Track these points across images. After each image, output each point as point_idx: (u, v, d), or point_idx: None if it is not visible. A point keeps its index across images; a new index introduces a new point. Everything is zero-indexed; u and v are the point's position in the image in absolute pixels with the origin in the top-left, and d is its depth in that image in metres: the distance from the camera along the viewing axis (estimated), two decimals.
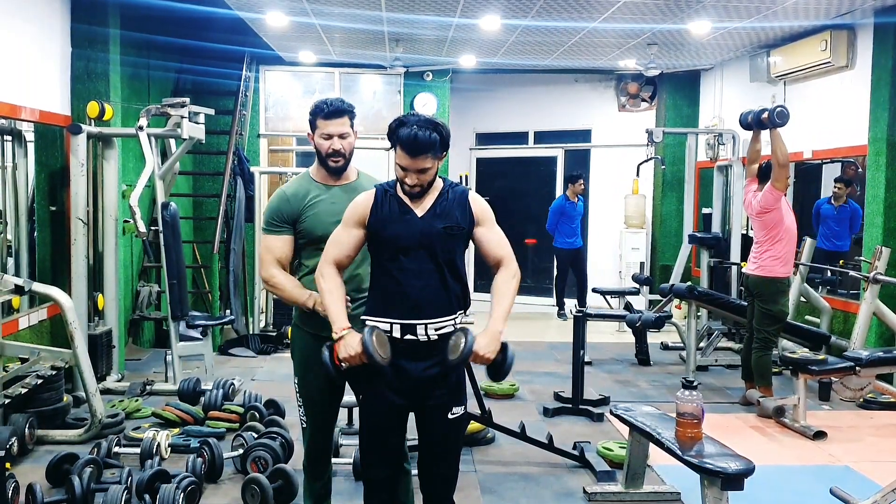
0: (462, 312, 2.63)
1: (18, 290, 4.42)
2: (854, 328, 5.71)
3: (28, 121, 5.39)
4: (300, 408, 3.00)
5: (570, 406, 5.38)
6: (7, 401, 4.25)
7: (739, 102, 8.44)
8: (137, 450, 4.13)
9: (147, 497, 3.48)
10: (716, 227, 8.10)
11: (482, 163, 10.69)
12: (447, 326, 2.55)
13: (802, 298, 6.57)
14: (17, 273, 5.47)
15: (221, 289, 7.90)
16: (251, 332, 7.55)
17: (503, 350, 2.55)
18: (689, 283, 6.79)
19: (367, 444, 2.66)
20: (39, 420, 4.51)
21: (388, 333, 2.53)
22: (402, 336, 2.53)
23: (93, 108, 5.69)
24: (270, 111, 8.96)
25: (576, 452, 4.36)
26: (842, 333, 6.30)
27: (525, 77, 9.81)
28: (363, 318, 2.61)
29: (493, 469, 4.31)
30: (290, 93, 9.02)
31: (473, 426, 4.52)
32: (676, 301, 7.28)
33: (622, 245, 9.49)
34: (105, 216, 5.89)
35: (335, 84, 8.89)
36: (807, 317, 6.75)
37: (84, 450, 4.14)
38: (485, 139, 10.73)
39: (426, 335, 2.52)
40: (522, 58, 8.46)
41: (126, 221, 6.20)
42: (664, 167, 9.30)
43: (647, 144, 8.45)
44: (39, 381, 4.47)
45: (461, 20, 6.66)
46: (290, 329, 3.11)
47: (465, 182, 10.00)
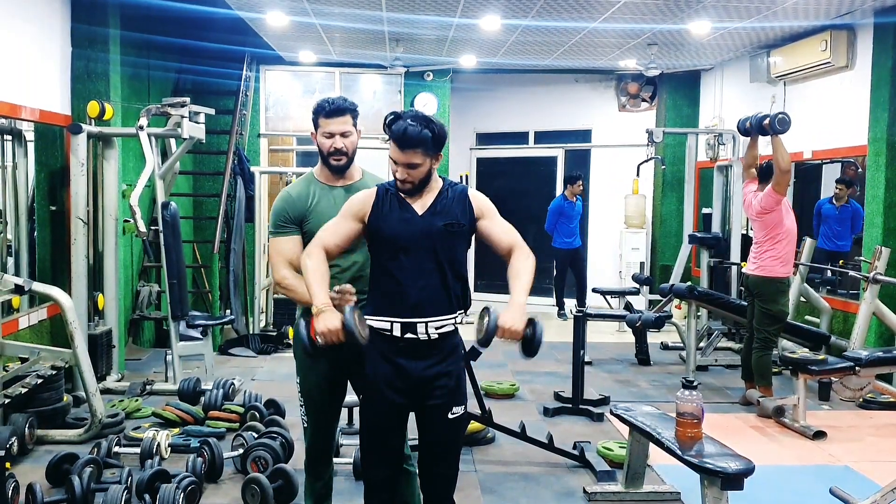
0: (462, 312, 2.62)
1: (18, 290, 4.42)
2: (854, 328, 5.71)
3: (28, 120, 5.39)
4: (301, 407, 3.00)
5: (571, 406, 5.38)
6: (7, 400, 4.25)
7: (739, 102, 8.45)
8: (137, 450, 4.13)
9: (147, 497, 3.49)
10: (716, 227, 8.11)
11: (482, 163, 10.69)
12: (447, 326, 2.55)
13: (802, 298, 6.58)
14: (17, 273, 5.47)
15: (221, 289, 7.91)
16: (251, 332, 7.55)
17: (531, 324, 2.48)
18: (689, 283, 6.79)
19: (368, 444, 2.66)
20: (39, 420, 4.51)
21: (389, 332, 2.53)
22: (403, 335, 2.52)
23: (93, 108, 5.69)
24: (270, 111, 8.96)
25: (576, 452, 4.36)
26: (842, 333, 6.30)
27: (525, 77, 9.81)
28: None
29: (494, 469, 4.31)
30: (291, 93, 9.03)
31: (474, 426, 4.52)
32: (676, 301, 7.28)
33: (622, 245, 9.49)
34: (105, 216, 5.90)
35: (335, 84, 8.90)
36: (807, 317, 6.75)
37: (84, 450, 4.15)
38: (485, 139, 10.73)
39: (426, 334, 2.52)
40: (523, 58, 8.46)
41: (126, 221, 6.20)
42: (664, 167, 9.30)
43: (648, 144, 8.46)
44: (39, 381, 4.47)
45: (461, 20, 6.66)
46: (293, 328, 3.11)
47: (466, 182, 10.00)
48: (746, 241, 7.04)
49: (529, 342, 2.48)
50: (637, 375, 6.64)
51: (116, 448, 4.18)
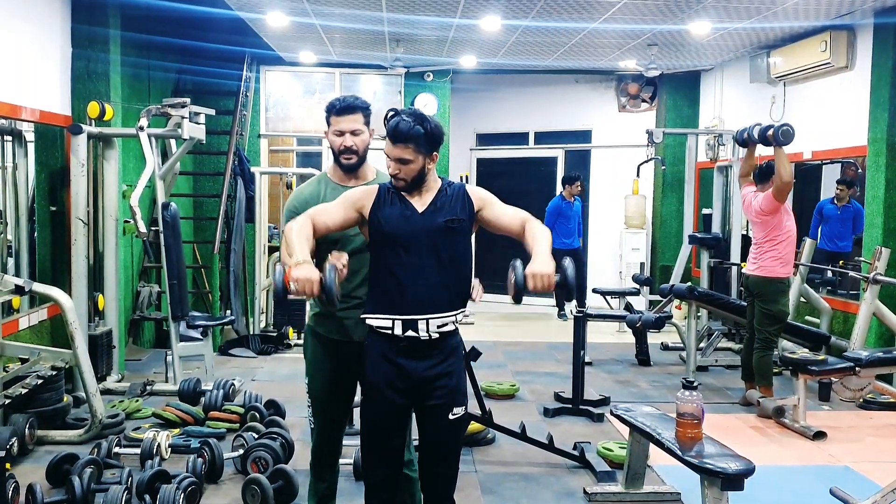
0: (462, 310, 2.63)
1: (19, 291, 4.42)
2: (854, 329, 5.71)
3: (28, 121, 5.39)
4: (309, 408, 2.99)
5: (571, 406, 5.38)
6: (7, 401, 4.25)
7: (739, 103, 8.46)
8: (138, 450, 4.13)
9: (147, 497, 3.49)
10: (716, 228, 8.10)
11: (482, 163, 10.69)
12: (448, 324, 2.56)
13: (802, 299, 6.58)
14: (18, 273, 5.47)
15: (222, 289, 7.91)
16: (251, 333, 7.54)
17: (559, 268, 2.45)
18: (690, 284, 6.79)
19: (368, 444, 2.66)
20: (40, 420, 4.51)
21: (390, 330, 2.53)
22: (404, 332, 2.53)
23: (93, 109, 5.69)
24: (271, 111, 8.96)
25: (576, 453, 4.36)
26: (842, 334, 6.30)
27: (525, 77, 9.82)
28: (363, 317, 2.61)
29: (494, 469, 4.31)
30: (291, 93, 9.02)
31: (474, 426, 4.52)
32: (676, 301, 7.28)
33: (622, 245, 9.50)
34: (105, 216, 5.89)
35: (335, 84, 8.90)
36: (807, 317, 6.75)
37: (84, 450, 4.14)
38: (485, 139, 10.73)
39: (427, 333, 2.53)
40: (523, 58, 8.46)
41: (126, 222, 6.20)
42: (664, 168, 9.30)
43: (648, 145, 8.45)
44: (40, 382, 4.47)
45: (462, 21, 6.66)
46: (304, 330, 3.09)
47: (467, 182, 10.00)
48: (746, 242, 7.04)
49: (562, 285, 2.45)
50: (637, 376, 6.64)
51: (117, 448, 4.18)
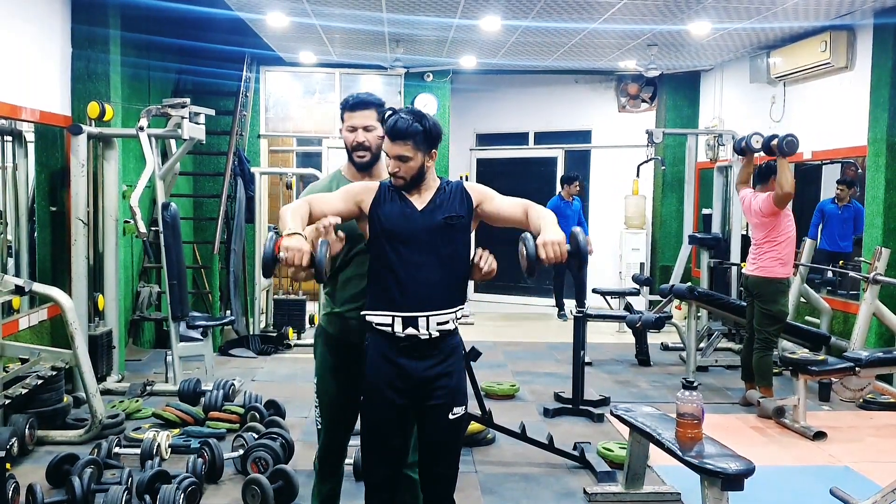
0: (462, 307, 2.63)
1: (19, 291, 4.42)
2: (854, 329, 5.71)
3: (28, 121, 5.39)
4: (316, 408, 2.99)
5: (571, 406, 5.38)
6: (7, 401, 4.25)
7: (739, 103, 8.46)
8: (138, 450, 4.13)
9: (147, 498, 3.49)
10: (716, 228, 8.10)
11: (482, 163, 10.69)
12: (449, 322, 2.56)
13: (802, 299, 6.58)
14: (18, 273, 5.47)
15: (222, 289, 7.91)
16: (251, 333, 7.55)
17: (570, 237, 2.45)
18: (689, 284, 6.80)
19: (368, 445, 2.66)
20: (40, 420, 4.51)
21: (390, 328, 2.53)
22: (404, 330, 2.53)
23: (93, 109, 5.69)
24: (271, 112, 8.96)
25: (576, 453, 4.36)
26: (842, 334, 6.30)
27: (525, 78, 9.82)
28: (363, 313, 2.61)
29: (494, 469, 4.31)
30: (291, 93, 9.02)
31: (474, 427, 4.52)
32: (676, 302, 7.28)
33: (622, 245, 9.49)
34: (105, 217, 5.90)
35: (335, 84, 8.90)
36: (807, 317, 6.75)
37: (84, 450, 4.14)
38: (485, 140, 10.73)
39: (427, 331, 2.53)
40: (523, 58, 8.46)
41: (126, 222, 6.20)
42: (664, 168, 9.30)
43: (648, 145, 8.45)
44: (40, 382, 4.47)
45: (461, 21, 6.66)
46: (315, 330, 3.08)
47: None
48: (746, 242, 7.04)
49: (576, 254, 2.46)
50: (637, 376, 6.64)
51: (117, 449, 4.18)
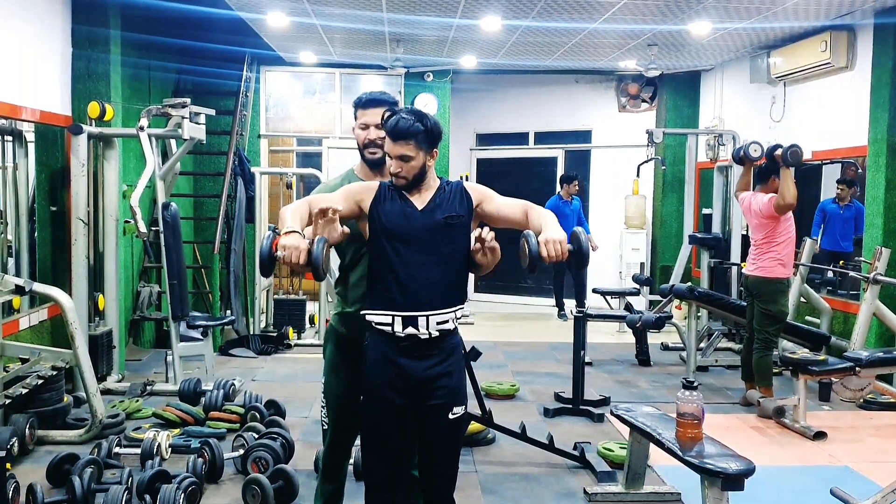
0: (461, 306, 2.63)
1: (19, 291, 4.42)
2: (854, 329, 5.71)
3: (29, 121, 5.39)
4: (323, 408, 2.98)
5: (571, 406, 5.38)
6: (8, 401, 4.26)
7: (739, 103, 8.46)
8: (138, 450, 4.13)
9: (148, 497, 3.49)
10: (716, 228, 8.10)
11: (482, 163, 10.69)
12: (448, 321, 2.56)
13: (803, 299, 6.57)
14: (18, 273, 5.47)
15: (222, 289, 7.91)
16: (252, 333, 7.55)
17: (572, 237, 2.47)
18: (690, 284, 6.79)
19: (368, 445, 2.66)
20: (40, 420, 4.51)
21: (390, 327, 2.53)
22: (404, 329, 2.53)
23: (93, 109, 5.70)
24: (271, 111, 8.96)
25: (576, 453, 4.36)
26: (842, 334, 6.30)
27: (525, 78, 9.82)
28: (363, 312, 2.61)
29: (494, 469, 4.31)
30: (291, 93, 9.02)
31: (474, 427, 4.52)
32: (676, 301, 7.28)
33: (622, 245, 9.50)
34: (106, 216, 5.90)
35: (335, 84, 8.90)
36: (807, 317, 6.75)
37: (84, 450, 4.15)
38: (485, 140, 10.73)
39: (427, 330, 2.53)
40: (523, 58, 8.46)
41: (127, 222, 6.20)
42: (664, 168, 9.30)
43: (648, 145, 8.45)
44: (40, 382, 4.47)
45: (462, 21, 6.66)
46: (326, 330, 3.06)
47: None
48: (746, 242, 7.03)
49: (577, 253, 2.48)
50: (637, 376, 6.64)
51: (117, 448, 4.18)
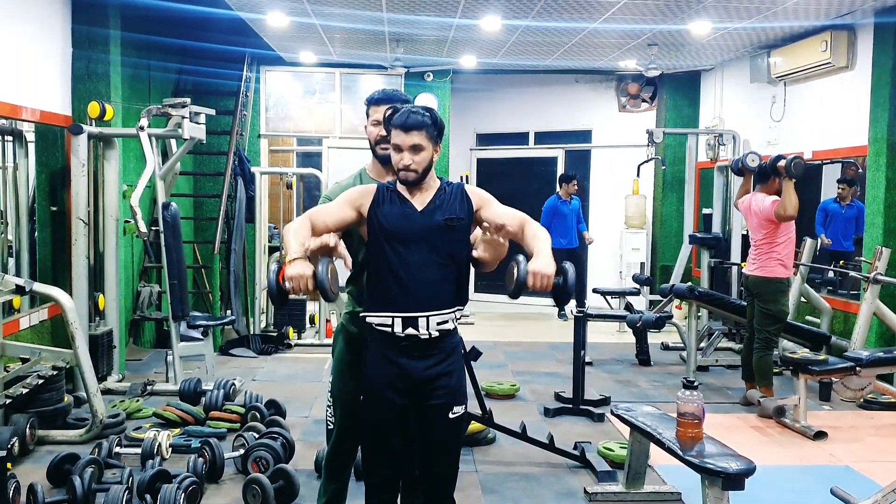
0: (461, 308, 2.63)
1: (19, 291, 4.42)
2: (854, 328, 5.71)
3: (29, 121, 5.39)
4: (329, 408, 2.97)
5: (571, 406, 5.38)
6: (8, 401, 4.26)
7: (740, 103, 8.45)
8: (138, 450, 4.14)
9: (148, 497, 3.49)
10: (716, 228, 8.11)
11: (483, 163, 10.69)
12: (448, 321, 2.56)
13: (803, 299, 6.57)
14: (18, 273, 5.47)
15: (222, 289, 7.91)
16: (252, 333, 7.55)
17: (561, 270, 2.46)
18: (690, 284, 6.80)
19: (368, 445, 2.66)
20: (40, 420, 4.51)
21: (390, 328, 2.53)
22: (404, 330, 2.53)
23: (93, 109, 5.70)
24: (271, 111, 8.96)
25: (577, 452, 4.36)
26: (842, 334, 6.30)
27: (525, 77, 9.81)
28: (362, 315, 2.61)
29: (494, 469, 4.31)
30: (291, 93, 9.02)
31: (474, 426, 4.52)
32: (677, 301, 7.28)
33: (622, 245, 9.50)
34: (106, 216, 5.90)
35: (335, 84, 8.89)
36: (807, 317, 6.74)
37: (85, 450, 4.15)
38: (485, 140, 10.73)
39: (427, 331, 2.53)
40: (523, 58, 8.46)
41: (127, 222, 6.21)
42: (664, 167, 9.30)
43: (648, 145, 8.46)
44: (40, 382, 4.47)
45: (462, 21, 6.66)
46: (336, 329, 3.03)
47: (467, 182, 10.00)
48: (747, 242, 7.03)
49: (561, 290, 2.46)
50: (637, 376, 6.64)
51: (117, 448, 4.18)
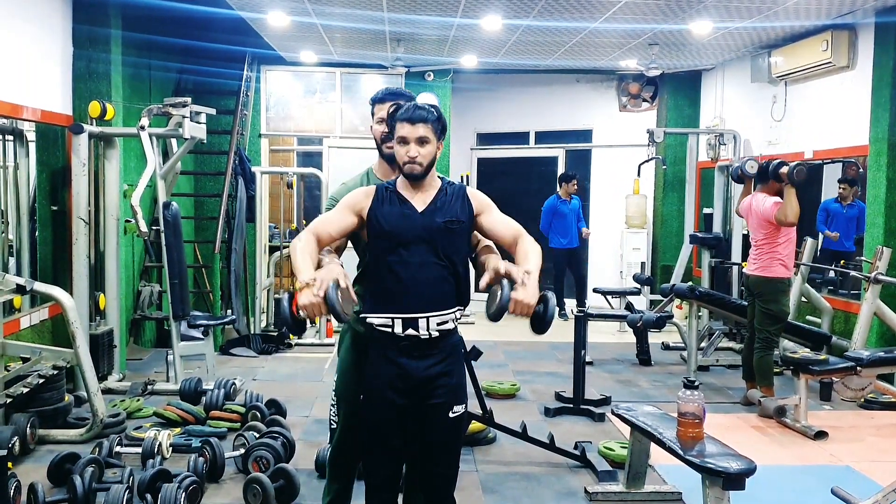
0: (461, 308, 2.63)
1: (20, 290, 4.42)
2: (855, 328, 5.71)
3: (30, 120, 5.39)
4: (332, 407, 2.97)
5: (572, 406, 5.38)
6: (9, 400, 4.26)
7: (740, 103, 8.45)
8: (139, 449, 4.13)
9: (149, 497, 3.49)
10: (717, 228, 8.10)
11: (483, 163, 10.68)
12: (448, 321, 2.56)
13: (804, 298, 6.57)
14: (19, 272, 5.48)
15: (223, 288, 7.91)
16: (252, 332, 7.55)
17: (543, 300, 2.47)
18: (690, 284, 6.80)
19: (369, 445, 2.66)
20: (41, 419, 4.52)
21: (390, 329, 2.53)
22: (404, 331, 2.53)
23: (94, 108, 5.70)
24: (271, 111, 8.96)
25: (577, 452, 4.36)
26: (843, 333, 6.30)
27: (526, 77, 9.81)
28: (362, 316, 2.61)
29: (495, 469, 4.31)
30: (291, 93, 9.02)
31: (475, 426, 4.52)
32: (677, 301, 7.28)
33: (623, 245, 9.50)
34: (106, 216, 5.90)
35: (336, 84, 8.89)
36: (808, 317, 6.74)
37: (85, 449, 4.15)
38: (486, 139, 10.73)
39: (427, 331, 2.53)
40: (524, 58, 8.46)
41: (127, 221, 6.21)
42: (665, 167, 9.29)
43: (648, 144, 8.45)
44: (41, 381, 4.47)
45: (462, 20, 6.66)
46: (341, 328, 3.01)
47: (467, 182, 10.00)
48: (747, 242, 7.03)
49: (540, 319, 2.46)
50: (638, 375, 6.64)
51: (118, 448, 4.18)
